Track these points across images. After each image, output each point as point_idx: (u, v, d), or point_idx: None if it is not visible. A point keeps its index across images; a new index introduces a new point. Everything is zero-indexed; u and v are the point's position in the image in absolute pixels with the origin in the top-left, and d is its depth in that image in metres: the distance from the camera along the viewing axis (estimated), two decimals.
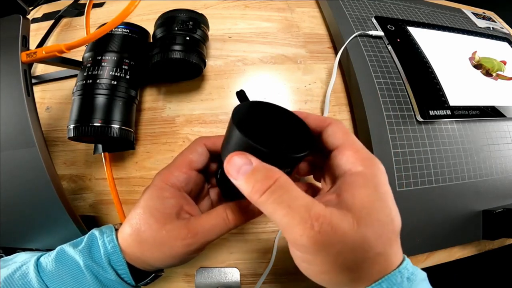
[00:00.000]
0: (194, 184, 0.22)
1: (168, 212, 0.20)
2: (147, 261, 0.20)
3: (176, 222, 0.20)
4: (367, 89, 0.34)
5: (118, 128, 0.28)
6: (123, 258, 0.20)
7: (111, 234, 0.21)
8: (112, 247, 0.20)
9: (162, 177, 0.21)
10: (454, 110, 0.34)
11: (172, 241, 0.19)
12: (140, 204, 0.20)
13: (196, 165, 0.22)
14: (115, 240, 0.20)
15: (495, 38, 0.45)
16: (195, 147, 0.22)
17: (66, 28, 0.42)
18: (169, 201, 0.20)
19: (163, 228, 0.19)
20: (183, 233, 0.19)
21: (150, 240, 0.19)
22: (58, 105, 0.36)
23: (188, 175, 0.21)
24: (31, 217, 0.27)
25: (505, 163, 0.35)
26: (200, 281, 0.29)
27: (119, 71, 0.29)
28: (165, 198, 0.20)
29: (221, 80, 0.37)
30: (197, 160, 0.22)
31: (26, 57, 0.26)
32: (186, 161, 0.22)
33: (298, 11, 0.43)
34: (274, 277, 0.30)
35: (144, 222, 0.19)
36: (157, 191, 0.20)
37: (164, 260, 0.20)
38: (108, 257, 0.20)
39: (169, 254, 0.19)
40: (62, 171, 0.33)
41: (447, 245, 0.32)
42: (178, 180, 0.21)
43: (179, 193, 0.21)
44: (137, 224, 0.20)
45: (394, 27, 0.40)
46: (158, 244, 0.19)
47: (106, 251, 0.20)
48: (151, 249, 0.19)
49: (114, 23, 0.24)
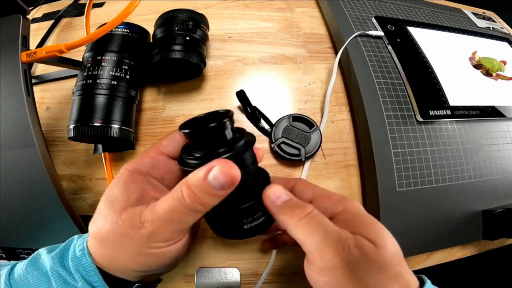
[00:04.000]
0: (166, 171, 0.20)
1: (127, 199, 0.17)
2: (119, 264, 0.17)
3: (132, 209, 0.17)
4: (367, 89, 0.34)
5: (118, 128, 0.28)
6: (92, 263, 0.17)
7: (86, 237, 0.18)
8: (81, 250, 0.17)
9: (128, 165, 0.19)
10: (454, 110, 0.34)
11: (130, 231, 0.16)
12: (102, 198, 0.18)
13: (166, 149, 0.20)
14: (85, 243, 0.17)
15: (495, 38, 0.45)
16: (169, 134, 0.21)
17: (66, 28, 0.42)
18: (127, 188, 0.18)
19: (119, 218, 0.16)
20: (138, 221, 0.16)
21: (110, 235, 0.16)
22: (58, 105, 0.36)
23: (155, 159, 0.19)
24: (31, 217, 0.27)
25: (505, 163, 0.35)
26: (200, 281, 0.29)
27: (119, 71, 0.29)
28: (126, 184, 0.18)
29: (221, 80, 0.37)
30: (167, 144, 0.20)
31: (26, 57, 0.26)
32: (155, 145, 0.20)
33: (298, 11, 0.43)
34: (274, 277, 0.30)
35: (102, 217, 0.17)
36: (118, 179, 0.18)
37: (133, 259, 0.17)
38: (76, 262, 0.17)
39: (135, 251, 0.16)
40: (62, 171, 0.33)
41: (447, 245, 0.32)
42: (142, 165, 0.19)
43: (142, 177, 0.18)
44: (96, 220, 0.17)
45: (394, 27, 0.40)
46: (118, 237, 0.16)
47: (74, 255, 0.17)
48: (113, 246, 0.16)
49: (114, 23, 0.24)
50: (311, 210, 0.18)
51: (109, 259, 0.17)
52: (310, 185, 0.21)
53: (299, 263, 0.30)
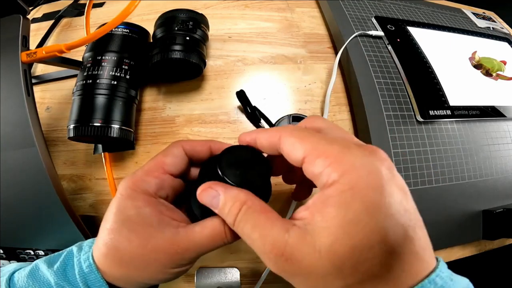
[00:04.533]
0: (171, 190, 0.19)
1: (148, 223, 0.17)
2: (133, 280, 0.18)
3: (162, 234, 0.17)
4: (367, 89, 0.34)
5: (118, 128, 0.28)
6: (101, 278, 0.17)
7: (88, 251, 0.18)
8: (88, 266, 0.17)
9: (129, 184, 0.18)
10: (454, 110, 0.34)
11: (159, 257, 0.17)
12: (111, 219, 0.17)
13: (170, 168, 0.19)
14: (91, 258, 0.18)
15: (495, 38, 0.45)
16: (170, 149, 0.20)
17: (66, 28, 0.42)
18: (144, 211, 0.17)
19: (147, 243, 0.16)
20: (173, 249, 0.17)
21: (133, 259, 0.17)
22: (58, 105, 0.36)
23: (160, 179, 0.19)
24: (31, 217, 0.27)
25: (505, 163, 0.35)
26: (200, 281, 0.29)
27: (119, 71, 0.29)
28: (138, 207, 0.17)
29: (221, 80, 0.37)
30: (172, 163, 0.19)
31: (26, 57, 0.26)
32: (158, 164, 0.19)
33: (298, 11, 0.43)
34: (274, 277, 0.30)
35: (122, 239, 0.17)
36: (127, 201, 0.17)
37: (152, 278, 0.17)
38: (84, 278, 0.17)
39: (158, 271, 0.17)
40: (62, 171, 0.33)
41: (447, 245, 0.32)
42: (149, 185, 0.18)
43: (153, 199, 0.18)
44: (113, 242, 0.17)
45: (394, 27, 0.40)
46: (144, 262, 0.17)
47: (81, 271, 0.17)
48: (136, 269, 0.17)
49: (114, 23, 0.24)
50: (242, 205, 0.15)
51: (122, 277, 0.17)
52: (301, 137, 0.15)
53: None
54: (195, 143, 0.20)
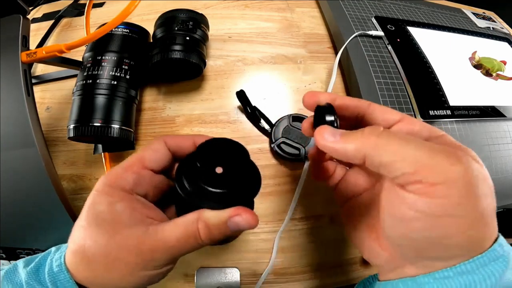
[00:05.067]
0: (151, 186, 0.18)
1: (118, 219, 0.16)
2: (100, 283, 0.16)
3: (129, 230, 0.16)
4: (367, 89, 0.34)
5: (118, 128, 0.28)
6: (70, 279, 0.16)
7: (64, 251, 0.17)
8: (58, 266, 0.16)
9: (106, 180, 0.17)
10: (454, 110, 0.34)
11: (126, 256, 0.15)
12: (83, 215, 0.16)
13: (150, 163, 0.18)
14: (63, 257, 0.17)
15: (495, 38, 0.45)
16: (151, 144, 0.19)
17: (66, 28, 0.42)
18: (116, 207, 0.16)
19: (112, 239, 0.15)
20: (139, 248, 0.15)
21: (99, 257, 0.15)
22: (58, 105, 0.36)
23: (138, 174, 0.18)
24: (31, 217, 0.27)
25: (505, 163, 0.35)
26: (200, 281, 0.29)
27: (119, 71, 0.29)
28: (110, 203, 0.16)
29: (221, 80, 0.37)
30: (152, 157, 0.18)
31: (26, 57, 0.26)
32: (138, 159, 0.18)
33: (298, 11, 0.43)
34: (274, 277, 0.30)
35: (88, 236, 0.16)
36: (101, 196, 0.17)
37: (120, 281, 0.16)
38: (53, 277, 0.16)
39: (126, 273, 0.16)
40: (62, 171, 0.33)
41: None
42: (126, 181, 0.17)
43: (128, 195, 0.17)
44: (80, 239, 0.16)
45: (394, 27, 0.40)
46: (111, 261, 0.15)
47: (50, 270, 0.16)
48: (102, 269, 0.16)
49: (114, 23, 0.24)
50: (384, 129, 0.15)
51: (94, 277, 0.16)
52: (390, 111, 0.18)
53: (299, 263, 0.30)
54: (179, 138, 0.19)
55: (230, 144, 0.18)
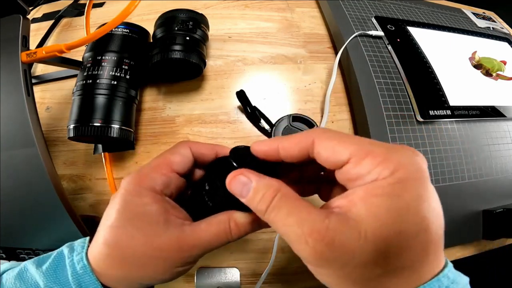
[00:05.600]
0: (175, 188, 0.19)
1: (155, 220, 0.17)
2: (134, 281, 0.17)
3: (168, 232, 0.17)
4: (367, 89, 0.34)
5: (118, 128, 0.28)
6: (96, 281, 0.17)
7: (81, 251, 0.18)
8: (82, 268, 0.17)
9: (136, 180, 0.18)
10: (454, 110, 0.34)
11: (165, 255, 0.16)
12: (114, 215, 0.17)
13: (177, 167, 0.19)
14: (85, 258, 0.17)
15: (495, 38, 0.45)
16: (177, 148, 0.19)
17: (66, 28, 0.42)
18: (151, 208, 0.17)
19: (153, 240, 0.16)
20: (179, 246, 0.16)
21: (137, 257, 0.16)
22: (58, 105, 0.36)
23: (167, 177, 0.18)
24: (31, 217, 0.27)
25: (505, 163, 0.35)
26: (200, 281, 0.29)
27: (119, 71, 0.29)
28: (145, 205, 0.17)
29: (221, 80, 0.37)
30: (179, 162, 0.19)
31: (26, 57, 0.26)
32: (166, 162, 0.19)
33: (298, 11, 0.43)
34: (274, 277, 0.30)
35: (126, 237, 0.16)
36: (133, 198, 0.17)
37: (155, 277, 0.17)
38: (78, 280, 0.17)
39: (162, 271, 0.17)
40: (62, 171, 0.33)
41: (447, 245, 0.32)
42: (156, 183, 0.18)
43: (160, 197, 0.18)
44: (116, 240, 0.16)
45: (394, 27, 0.40)
46: (148, 261, 0.16)
47: (74, 272, 0.17)
48: (139, 268, 0.17)
49: (114, 23, 0.24)
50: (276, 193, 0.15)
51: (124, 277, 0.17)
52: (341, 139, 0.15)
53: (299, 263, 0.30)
54: (202, 145, 0.20)
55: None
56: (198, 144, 0.20)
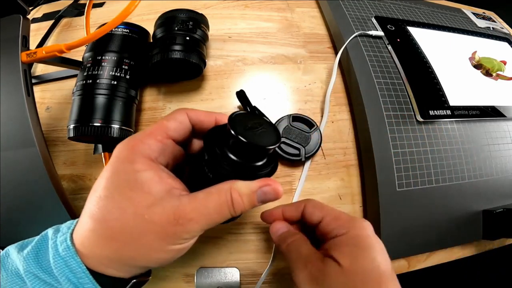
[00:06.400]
0: (172, 157, 0.18)
1: (147, 189, 0.15)
2: (125, 262, 0.15)
3: (163, 203, 0.15)
4: (367, 89, 0.34)
5: (118, 128, 0.28)
6: (81, 264, 0.14)
7: (67, 232, 0.16)
8: (65, 250, 0.15)
9: (128, 146, 0.16)
10: (454, 110, 0.34)
11: (158, 228, 0.14)
12: (102, 184, 0.15)
13: (173, 133, 0.17)
14: (70, 239, 0.15)
15: (495, 38, 0.45)
16: (174, 115, 0.18)
17: (66, 28, 0.42)
18: (143, 175, 0.15)
19: (144, 212, 0.14)
20: (174, 219, 0.14)
21: (126, 231, 0.14)
22: (58, 105, 0.36)
23: (163, 143, 0.17)
24: (31, 217, 0.27)
25: (505, 163, 0.35)
26: (200, 281, 0.29)
27: (119, 71, 0.29)
28: (136, 171, 0.15)
29: (221, 80, 0.37)
30: (176, 128, 0.18)
31: (26, 57, 0.26)
32: (161, 128, 0.17)
33: (298, 11, 0.43)
34: (274, 277, 0.30)
35: (113, 208, 0.14)
36: (124, 164, 0.15)
37: (148, 257, 0.15)
38: (60, 263, 0.15)
39: (155, 248, 0.15)
40: (62, 171, 0.33)
41: (447, 245, 0.32)
42: (150, 148, 0.16)
43: (154, 164, 0.16)
44: (102, 211, 0.14)
45: (394, 27, 0.40)
46: (139, 235, 0.14)
47: (56, 255, 0.15)
48: (130, 244, 0.14)
49: (114, 23, 0.24)
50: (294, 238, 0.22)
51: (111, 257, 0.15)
52: (319, 206, 0.23)
53: None
54: (200, 112, 0.19)
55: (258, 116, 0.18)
56: (196, 111, 0.19)
